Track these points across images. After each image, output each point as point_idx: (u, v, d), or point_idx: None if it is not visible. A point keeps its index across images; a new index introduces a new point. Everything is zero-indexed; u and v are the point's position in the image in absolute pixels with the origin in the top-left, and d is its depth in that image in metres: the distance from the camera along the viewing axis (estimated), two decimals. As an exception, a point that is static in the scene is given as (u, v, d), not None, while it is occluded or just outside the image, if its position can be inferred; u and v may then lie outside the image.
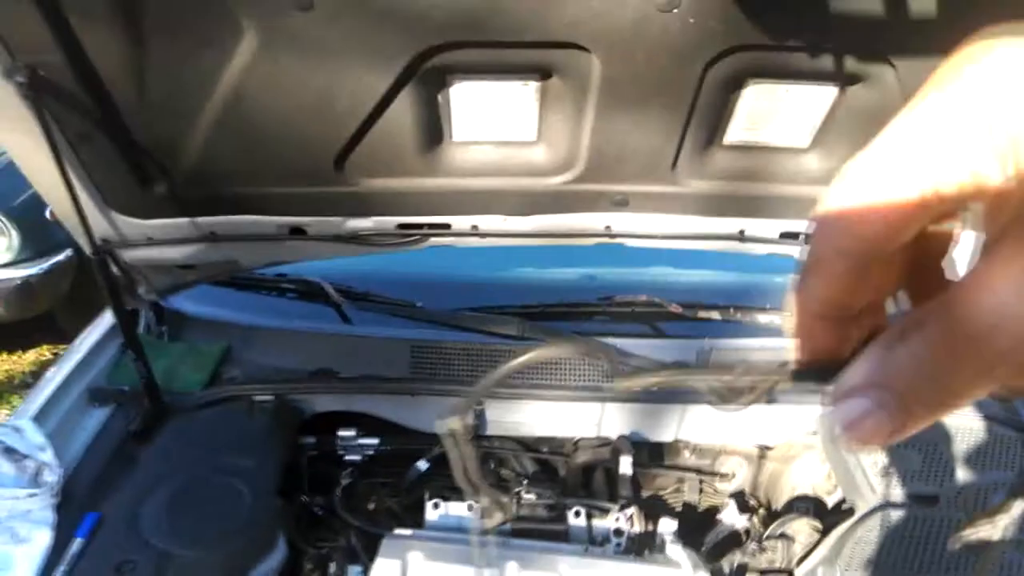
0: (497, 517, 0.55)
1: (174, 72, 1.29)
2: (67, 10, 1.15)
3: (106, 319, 1.95)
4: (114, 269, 1.66)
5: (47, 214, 3.76)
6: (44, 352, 4.36)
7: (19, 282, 3.70)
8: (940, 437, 1.72)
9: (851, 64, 1.32)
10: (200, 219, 1.62)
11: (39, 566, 1.37)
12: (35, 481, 1.49)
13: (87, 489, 1.56)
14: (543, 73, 1.37)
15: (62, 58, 1.22)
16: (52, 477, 1.50)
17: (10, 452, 1.49)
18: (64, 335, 4.29)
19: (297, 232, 1.69)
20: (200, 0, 1.16)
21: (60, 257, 3.85)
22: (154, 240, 1.65)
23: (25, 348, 4.37)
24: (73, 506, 1.51)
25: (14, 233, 3.65)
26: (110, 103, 1.33)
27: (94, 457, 1.64)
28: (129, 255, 1.68)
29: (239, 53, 1.24)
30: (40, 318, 4.03)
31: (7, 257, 3.69)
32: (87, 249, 1.54)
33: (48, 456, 1.53)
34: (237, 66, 1.27)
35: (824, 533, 1.68)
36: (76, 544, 1.42)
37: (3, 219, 3.60)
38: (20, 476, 1.47)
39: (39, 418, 1.61)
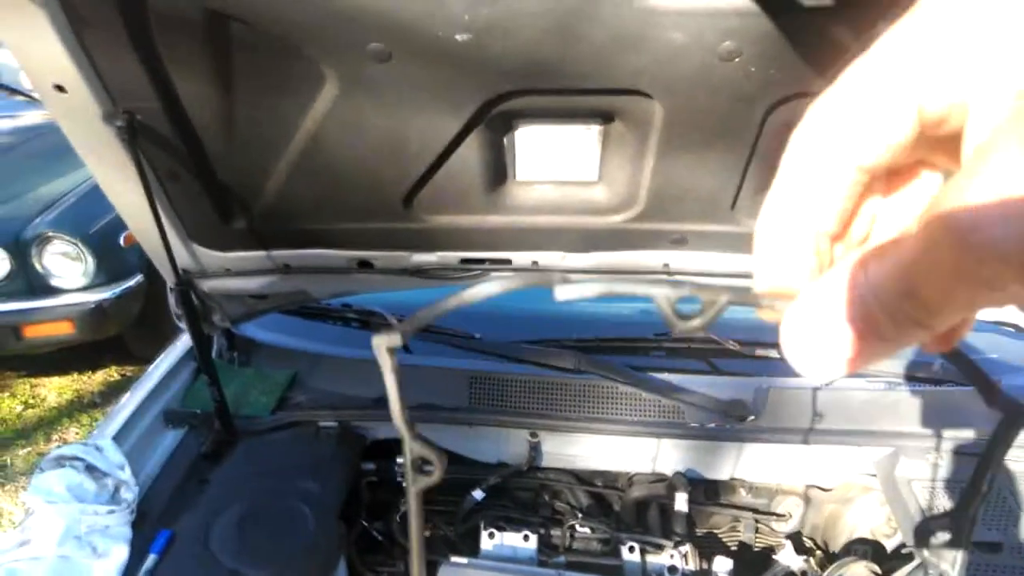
0: (435, 473, 0.52)
1: (260, 117, 1.37)
2: (166, 62, 1.24)
3: (180, 345, 2.05)
4: (193, 298, 1.74)
5: (120, 241, 3.97)
6: (112, 373, 4.54)
7: (92, 305, 3.87)
8: (1005, 482, 1.69)
9: None
10: (275, 252, 1.70)
11: (117, 580, 1.44)
12: (114, 498, 1.57)
13: (160, 507, 1.64)
14: (606, 117, 1.42)
15: (158, 105, 1.31)
16: (130, 495, 1.58)
17: (92, 469, 1.57)
18: (132, 358, 4.48)
19: (365, 266, 1.76)
20: (286, 53, 1.24)
21: (131, 283, 4.03)
22: (231, 271, 1.74)
23: (95, 369, 4.56)
24: (147, 523, 1.58)
25: (89, 259, 3.83)
26: (199, 146, 1.42)
27: (168, 477, 1.73)
28: (207, 285, 1.77)
29: (320, 100, 1.32)
30: (110, 340, 4.21)
31: (82, 281, 3.87)
32: (170, 279, 1.63)
33: (127, 474, 1.61)
34: (317, 112, 1.35)
35: (883, 578, 1.66)
36: (150, 560, 1.49)
37: (80, 245, 3.79)
38: (100, 493, 1.55)
39: (117, 438, 1.70)
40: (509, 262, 1.76)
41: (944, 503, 1.68)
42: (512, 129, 1.46)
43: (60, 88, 1.24)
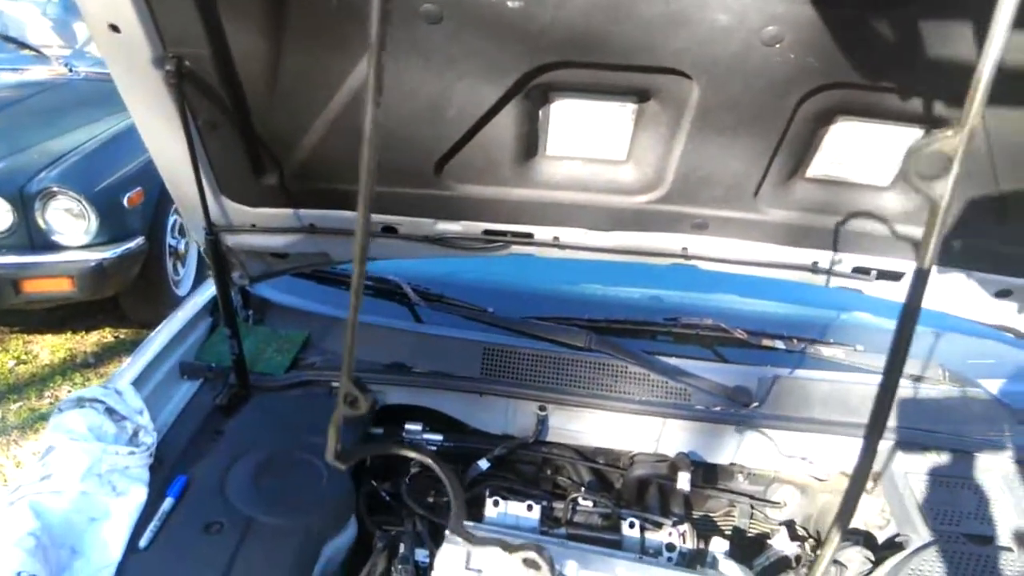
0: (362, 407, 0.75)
1: (304, 73, 1.40)
2: (221, 10, 1.27)
3: (196, 299, 2.07)
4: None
5: (124, 202, 3.96)
6: (106, 335, 4.53)
7: (93, 264, 3.85)
8: (997, 480, 1.75)
9: (940, 108, 1.37)
10: (302, 211, 1.73)
11: (134, 519, 1.46)
12: (132, 441, 1.58)
13: (176, 454, 1.66)
14: (642, 96, 1.45)
15: (208, 52, 1.33)
16: (148, 439, 1.60)
17: (111, 412, 1.59)
18: (127, 320, 4.47)
19: (388, 231, 1.79)
20: (338, 8, 1.26)
21: (132, 244, 4.02)
22: (257, 227, 1.76)
23: (88, 330, 4.55)
24: (163, 469, 1.60)
25: (93, 217, 3.81)
26: (242, 96, 1.44)
27: (183, 426, 1.75)
28: (232, 240, 1.79)
29: (366, 59, 1.34)
30: (105, 301, 4.20)
31: (84, 239, 3.85)
32: (200, 230, 1.65)
33: (145, 419, 1.63)
34: (362, 71, 1.38)
35: (875, 564, 1.70)
36: (167, 503, 1.51)
37: (84, 203, 3.77)
38: (120, 435, 1.57)
39: (136, 384, 1.72)
40: (531, 236, 1.79)
41: (937, 497, 1.73)
42: (548, 102, 1.49)
43: (114, 28, 1.26)
